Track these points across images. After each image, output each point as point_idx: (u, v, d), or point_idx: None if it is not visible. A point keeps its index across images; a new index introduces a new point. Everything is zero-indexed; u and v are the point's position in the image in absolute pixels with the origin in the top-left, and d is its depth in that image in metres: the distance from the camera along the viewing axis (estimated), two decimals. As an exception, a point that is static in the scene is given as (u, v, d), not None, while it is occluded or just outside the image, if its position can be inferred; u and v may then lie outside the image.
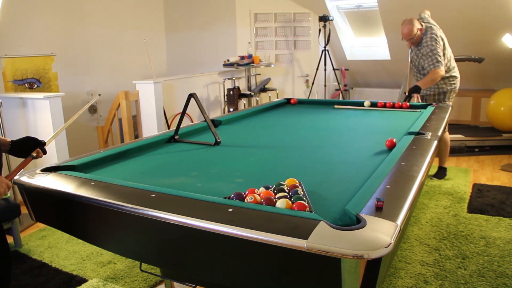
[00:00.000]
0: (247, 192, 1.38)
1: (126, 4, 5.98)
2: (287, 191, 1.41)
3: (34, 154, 1.70)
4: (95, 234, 1.58)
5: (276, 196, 1.35)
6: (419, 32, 3.79)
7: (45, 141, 1.76)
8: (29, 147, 1.72)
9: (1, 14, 4.09)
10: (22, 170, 1.66)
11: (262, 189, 1.42)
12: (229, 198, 1.37)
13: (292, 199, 1.33)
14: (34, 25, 4.76)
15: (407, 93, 3.78)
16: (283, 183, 1.48)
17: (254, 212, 1.21)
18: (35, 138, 1.75)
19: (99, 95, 2.39)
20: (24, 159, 1.69)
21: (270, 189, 1.42)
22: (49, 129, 3.61)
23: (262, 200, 1.32)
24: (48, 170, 1.74)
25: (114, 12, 5.81)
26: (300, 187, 1.45)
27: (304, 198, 1.34)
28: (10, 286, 1.65)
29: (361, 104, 3.57)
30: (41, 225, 3.29)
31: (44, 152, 1.75)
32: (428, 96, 3.99)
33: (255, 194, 1.34)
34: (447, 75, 3.87)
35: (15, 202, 2.98)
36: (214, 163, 1.96)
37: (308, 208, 1.26)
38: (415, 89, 3.69)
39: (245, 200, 1.33)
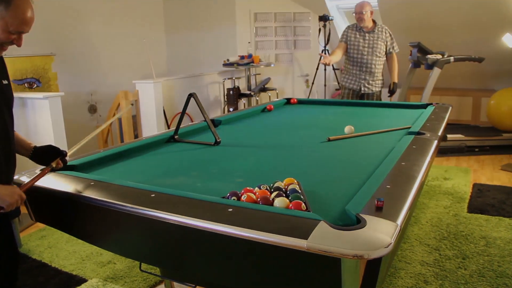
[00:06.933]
0: (242, 191, 1.38)
1: (126, 4, 5.98)
2: (284, 190, 1.41)
3: (53, 164, 1.62)
4: (95, 234, 1.58)
5: (272, 195, 1.35)
6: (370, 14, 3.86)
7: (66, 151, 1.68)
8: (50, 156, 1.64)
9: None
10: (27, 173, 1.65)
11: (257, 188, 1.42)
12: (225, 198, 1.37)
13: (289, 198, 1.33)
14: (33, 25, 4.75)
15: (391, 89, 4.10)
16: (279, 181, 1.47)
17: (254, 212, 1.21)
18: (57, 147, 1.68)
19: (132, 104, 2.33)
20: (42, 167, 1.63)
21: (264, 189, 1.42)
22: (48, 129, 3.60)
23: (258, 199, 1.32)
24: (47, 170, 1.74)
25: (114, 12, 5.80)
26: (298, 186, 1.45)
27: (302, 197, 1.34)
28: (15, 286, 1.65)
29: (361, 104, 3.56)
30: (40, 225, 3.29)
31: (65, 163, 1.68)
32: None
33: (249, 193, 1.34)
34: None
35: (15, 202, 2.98)
36: (214, 163, 1.96)
37: (304, 205, 1.26)
38: (397, 84, 3.87)
39: (240, 199, 1.33)
